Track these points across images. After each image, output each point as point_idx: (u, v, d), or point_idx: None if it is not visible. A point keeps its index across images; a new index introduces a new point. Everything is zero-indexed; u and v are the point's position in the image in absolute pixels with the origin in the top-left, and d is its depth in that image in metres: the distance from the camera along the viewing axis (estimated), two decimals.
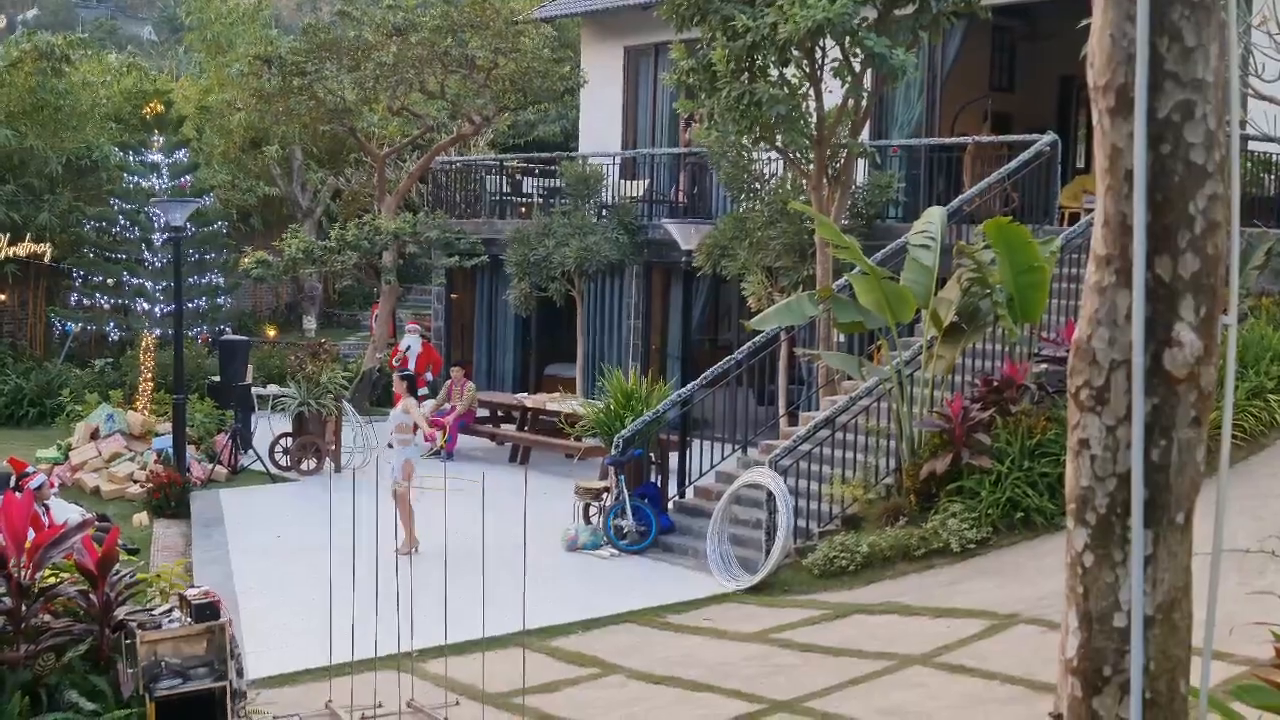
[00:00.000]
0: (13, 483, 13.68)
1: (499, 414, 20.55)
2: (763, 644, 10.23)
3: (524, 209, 24.14)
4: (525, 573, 8.60)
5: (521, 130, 31.05)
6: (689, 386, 15.47)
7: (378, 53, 21.68)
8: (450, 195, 25.39)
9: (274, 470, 17.84)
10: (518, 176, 25.23)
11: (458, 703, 8.65)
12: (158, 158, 24.62)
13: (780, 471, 13.12)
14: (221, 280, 25.32)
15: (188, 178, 24.86)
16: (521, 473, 17.24)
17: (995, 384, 12.97)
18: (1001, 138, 18.31)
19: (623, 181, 22.33)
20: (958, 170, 18.33)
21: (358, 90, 22.13)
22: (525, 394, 21.39)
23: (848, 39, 14.42)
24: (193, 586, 8.41)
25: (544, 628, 10.60)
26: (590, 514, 14.58)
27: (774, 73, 14.87)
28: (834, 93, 15.22)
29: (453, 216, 23.98)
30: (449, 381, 19.87)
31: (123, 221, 24.29)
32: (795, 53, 14.64)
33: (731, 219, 18.26)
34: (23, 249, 24.22)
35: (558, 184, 23.10)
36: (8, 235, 24.21)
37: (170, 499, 15.75)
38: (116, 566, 7.85)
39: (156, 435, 17.81)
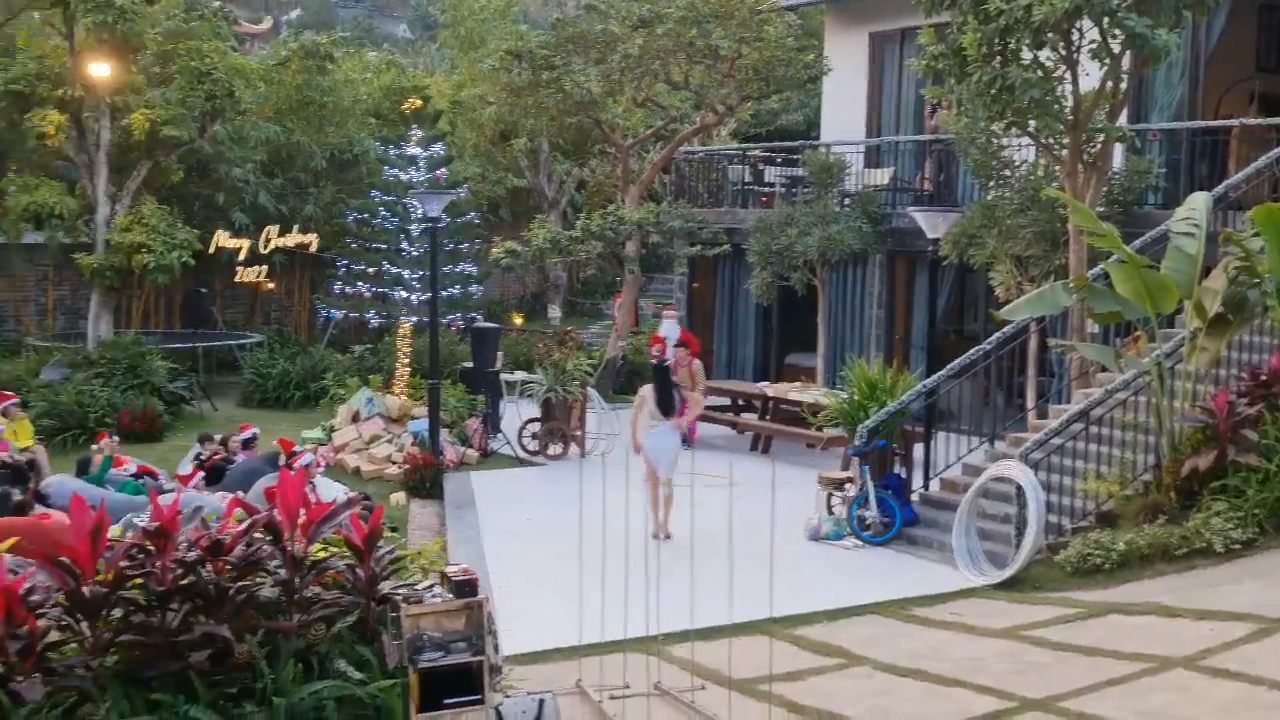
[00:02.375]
0: (282, 462, 14.46)
1: (740, 403, 20.62)
2: (1013, 640, 10.01)
3: (766, 198, 24.13)
4: (771, 561, 8.63)
5: (764, 119, 31.03)
6: (934, 377, 15.22)
7: (623, 45, 21.98)
8: (693, 185, 25.57)
9: (522, 454, 18.33)
10: (760, 166, 25.23)
11: (704, 687, 8.74)
12: (415, 151, 25.58)
13: (1030, 465, 12.80)
14: (473, 269, 26.12)
15: (443, 170, 25.73)
16: (762, 462, 17.44)
17: (1264, 378, 12.37)
18: (1271, 120, 17.39)
19: (866, 170, 22.09)
20: (1222, 155, 17.50)
21: (603, 82, 22.49)
22: (766, 383, 21.39)
23: (1106, 20, 13.93)
24: (451, 564, 8.73)
25: (788, 616, 10.59)
26: (832, 504, 14.50)
27: (1027, 56, 14.48)
28: (1090, 75, 14.72)
29: (695, 206, 24.14)
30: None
31: (382, 213, 25.33)
32: (1050, 35, 14.22)
33: (979, 207, 17.87)
34: (290, 240, 25.53)
35: (800, 173, 23.01)
36: (277, 227, 25.54)
37: (425, 480, 16.34)
38: (380, 543, 8.20)
39: (412, 419, 18.50)
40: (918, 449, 15.05)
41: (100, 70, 21.84)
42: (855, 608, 11.45)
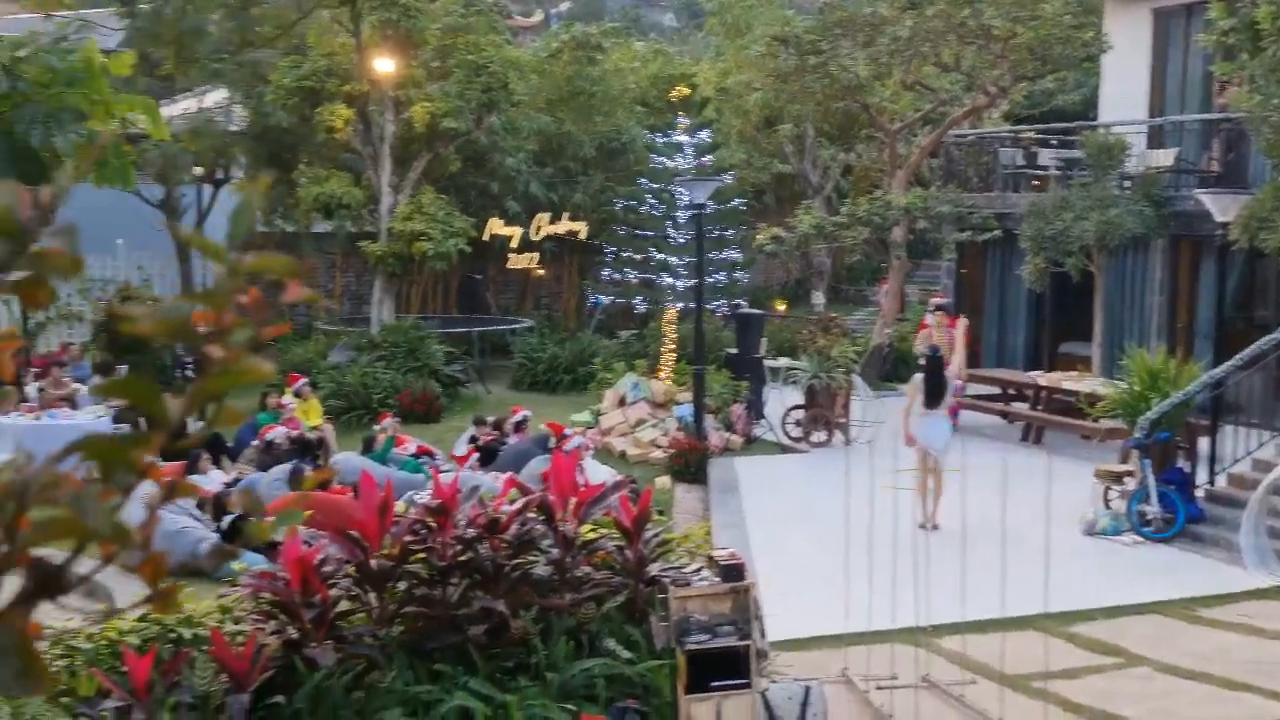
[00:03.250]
0: (552, 444, 14.82)
1: (1010, 392, 20.07)
2: None
3: (1039, 182, 23.38)
4: (1045, 555, 8.38)
5: (1038, 100, 30.07)
6: (1222, 368, 14.46)
7: (892, 27, 21.63)
8: (962, 169, 24.98)
9: (785, 441, 18.31)
10: (1033, 148, 24.46)
11: (974, 681, 8.57)
12: (682, 139, 25.79)
13: None
14: (738, 256, 26.20)
15: (709, 157, 25.88)
16: (1034, 453, 16.93)
17: None
18: None
19: (1149, 151, 21.14)
20: None
21: (871, 66, 22.19)
22: (1038, 372, 20.76)
23: None
24: (718, 548, 8.79)
25: (1063, 612, 10.27)
26: (1110, 499, 13.97)
27: None
28: None
29: (965, 191, 23.59)
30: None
31: (649, 200, 25.66)
32: None
33: (1272, 188, 16.87)
34: (560, 227, 26.12)
35: (1077, 155, 22.20)
36: (548, 215, 26.19)
37: (690, 465, 16.50)
38: (648, 525, 8.32)
39: (677, 404, 18.70)
40: (1202, 443, 14.35)
41: (385, 66, 22.80)
42: (1135, 606, 11.01)
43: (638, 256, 25.53)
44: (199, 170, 26.46)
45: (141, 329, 1.04)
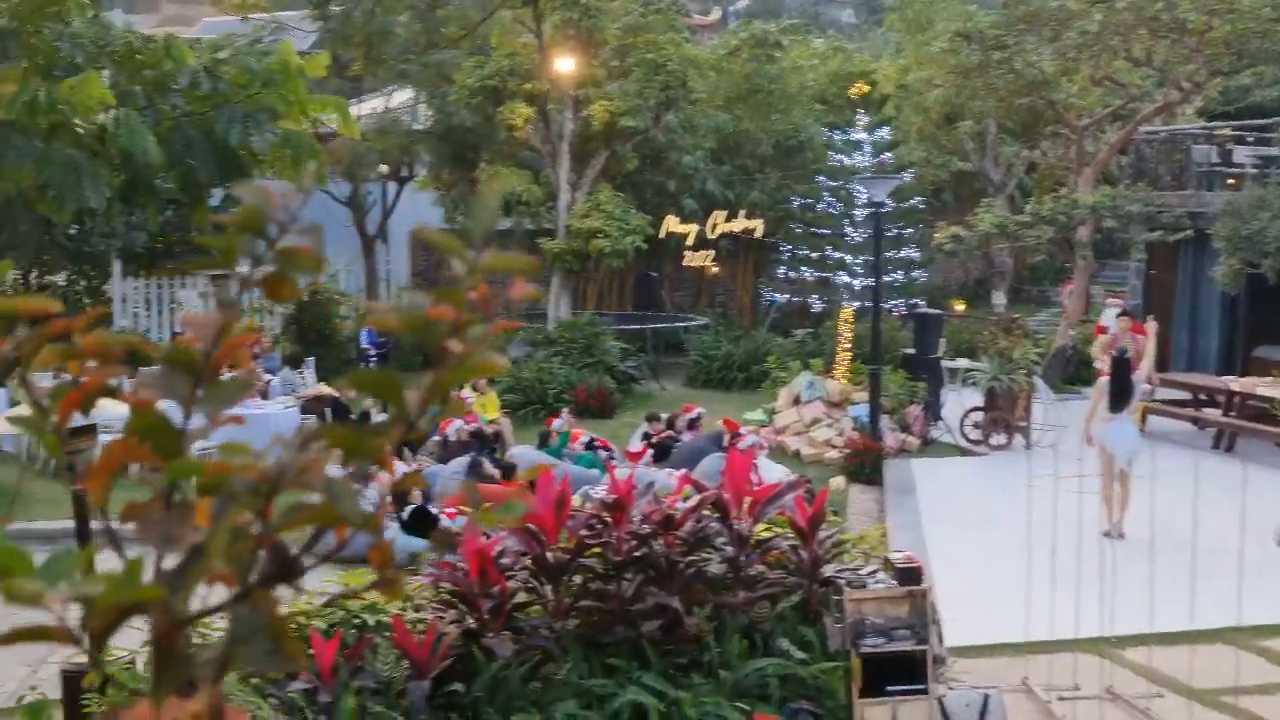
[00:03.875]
0: (726, 442, 14.82)
1: (1201, 397, 19.36)
2: None
3: (1234, 180, 22.50)
4: (1237, 566, 8.07)
5: (1234, 96, 28.94)
6: None
7: (1080, 21, 21.04)
8: (1153, 167, 24.18)
9: (963, 443, 17.98)
10: (1229, 145, 23.55)
11: (1161, 695, 8.29)
12: (861, 136, 25.55)
13: None
14: (916, 255, 25.84)
15: (888, 155, 25.58)
16: (1226, 460, 16.29)
17: None
18: None
19: None
20: None
21: (1058, 61, 21.64)
22: (1231, 377, 19.97)
23: None
24: (894, 551, 8.68)
25: (1255, 626, 9.87)
26: None
27: None
28: None
29: (1155, 189, 22.83)
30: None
31: (827, 198, 25.48)
32: None
33: None
34: (736, 225, 26.10)
35: (1275, 152, 21.31)
36: (724, 212, 26.19)
37: (865, 465, 16.32)
38: (823, 526, 8.25)
39: (853, 404, 18.51)
40: None
41: (565, 65, 23.08)
42: None
43: (814, 255, 25.38)
44: (384, 168, 27.18)
45: (387, 324, 1.08)
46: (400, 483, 1.34)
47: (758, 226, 26.15)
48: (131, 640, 6.93)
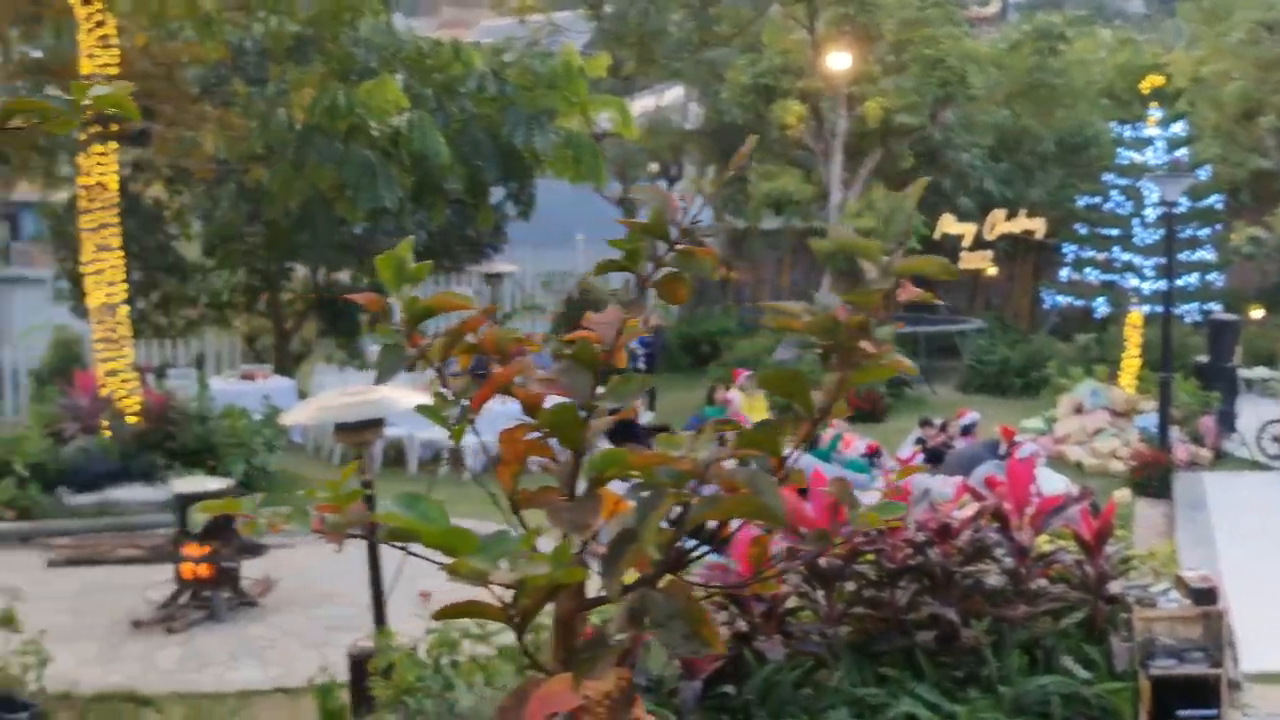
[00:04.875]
0: (1002, 450, 14.37)
1: None
2: None
3: None
4: None
5: None
6: None
7: None
8: None
9: (1261, 457, 16.97)
10: None
11: None
12: (1152, 132, 24.41)
13: None
14: (1212, 257, 24.53)
15: (1183, 151, 24.36)
16: None
17: None
18: None
19: None
20: None
21: None
22: None
23: None
24: (1186, 568, 8.25)
25: None
26: None
27: None
28: None
29: None
30: None
31: (1114, 197, 24.45)
32: None
33: None
34: (1016, 225, 25.33)
35: None
36: (1003, 212, 25.46)
37: (1152, 478, 15.58)
38: (1109, 540, 7.91)
39: (1139, 413, 17.70)
40: None
41: (839, 61, 22.84)
42: None
43: (1099, 256, 24.38)
44: (654, 167, 27.50)
45: (795, 325, 1.07)
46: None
47: (1039, 227, 25.32)
48: (414, 627, 7.13)
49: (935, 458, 15.19)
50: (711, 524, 1.19)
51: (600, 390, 1.06)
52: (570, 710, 0.98)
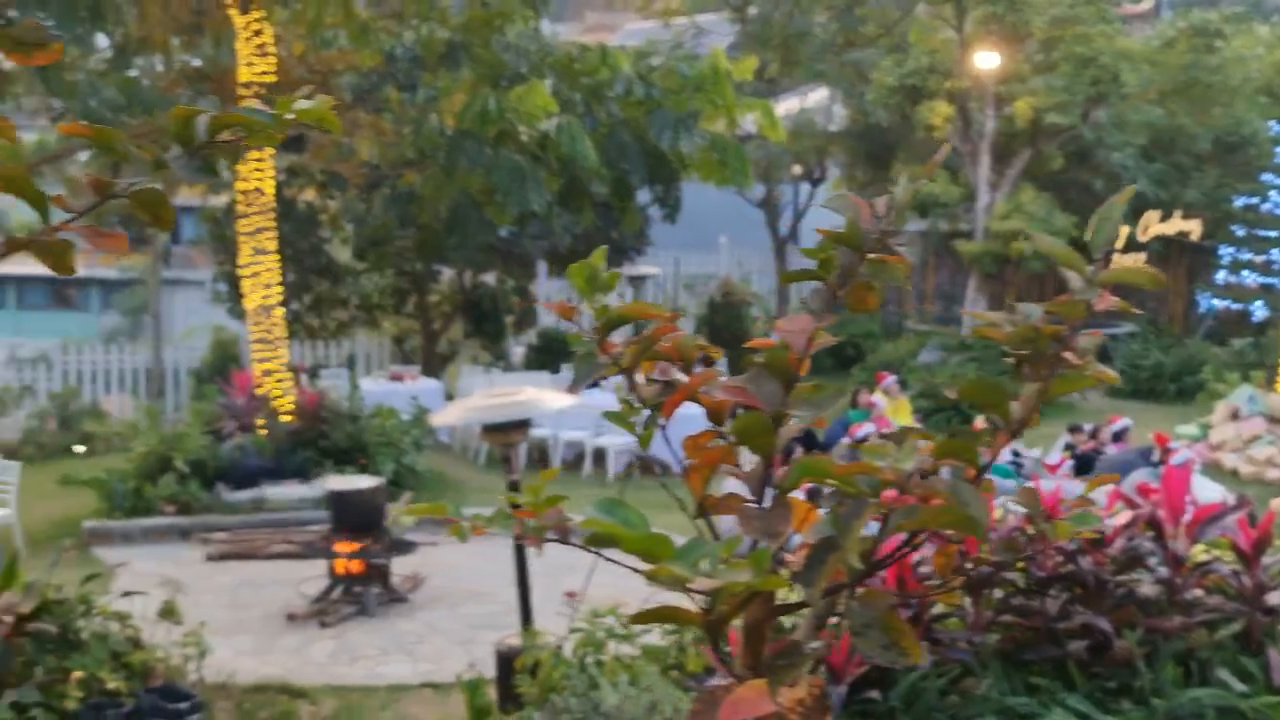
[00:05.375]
0: (1156, 457, 14.02)
1: None
2: None
3: None
4: None
5: None
6: None
7: None
8: None
9: None
10: None
11: None
12: None
13: None
14: None
15: None
16: None
17: None
18: None
19: None
20: None
21: None
22: None
23: None
24: None
25: None
26: None
27: None
28: None
29: None
30: None
31: (1274, 197, 23.67)
32: None
33: None
34: (1170, 226, 24.65)
35: None
36: (1157, 213, 24.80)
37: None
38: (1268, 550, 7.69)
39: None
40: None
41: (988, 61, 22.51)
42: None
43: (1257, 259, 23.65)
44: (797, 169, 27.38)
45: (995, 335, 1.08)
46: None
47: (1194, 228, 24.61)
48: (559, 626, 7.23)
49: (1085, 464, 14.89)
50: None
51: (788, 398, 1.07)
52: (763, 716, 1.00)
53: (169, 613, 8.82)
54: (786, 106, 28.00)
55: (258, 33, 14.47)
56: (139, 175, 1.55)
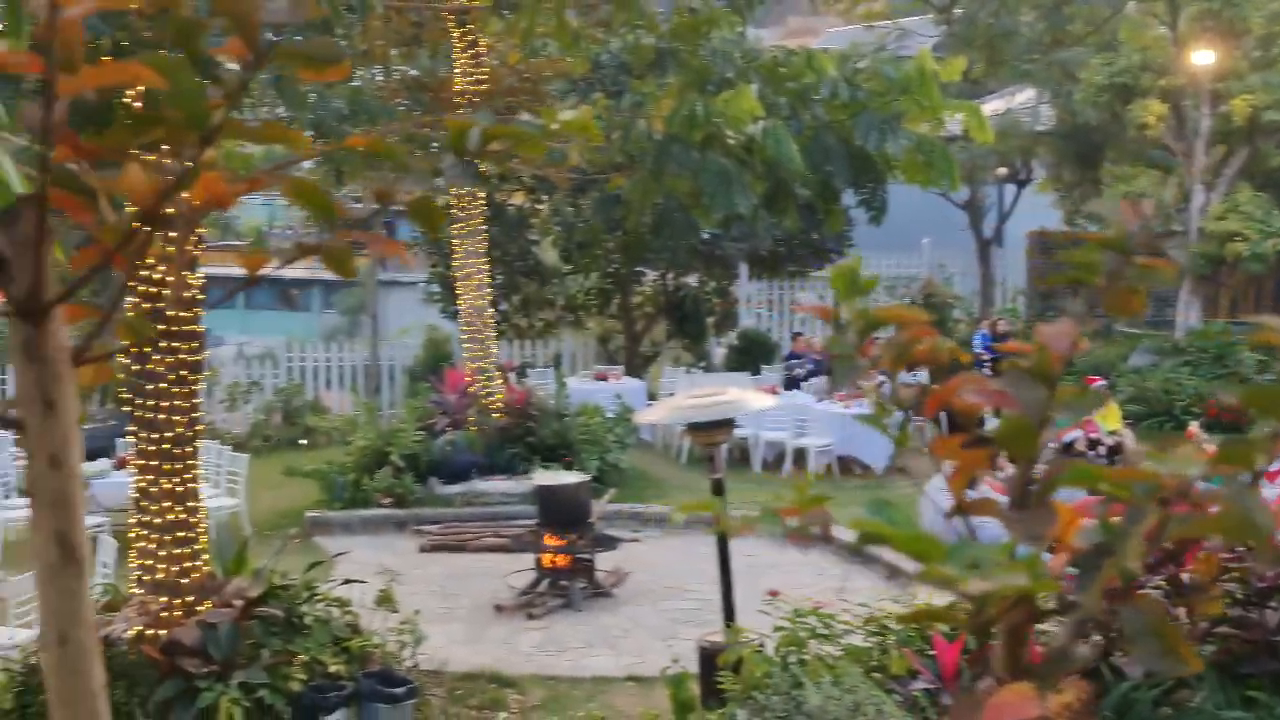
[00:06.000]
0: None
1: None
2: None
3: None
4: None
5: None
6: None
7: None
8: None
9: None
10: None
11: None
12: None
13: None
14: None
15: None
16: None
17: None
18: None
19: None
20: None
21: None
22: None
23: None
24: None
25: None
26: None
27: None
28: None
29: None
30: None
31: None
32: None
33: None
34: None
35: None
36: None
37: None
38: None
39: None
40: None
41: (1203, 58, 21.75)
42: None
43: None
44: (1002, 170, 26.85)
45: (1274, 340, 1.12)
46: None
47: None
48: (761, 623, 7.32)
49: None
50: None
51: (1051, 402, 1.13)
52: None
53: (385, 600, 9.18)
54: (992, 107, 27.47)
55: (472, 44, 14.94)
56: (396, 180, 1.70)
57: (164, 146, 1.46)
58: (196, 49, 1.34)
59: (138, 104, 1.49)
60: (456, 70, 15.03)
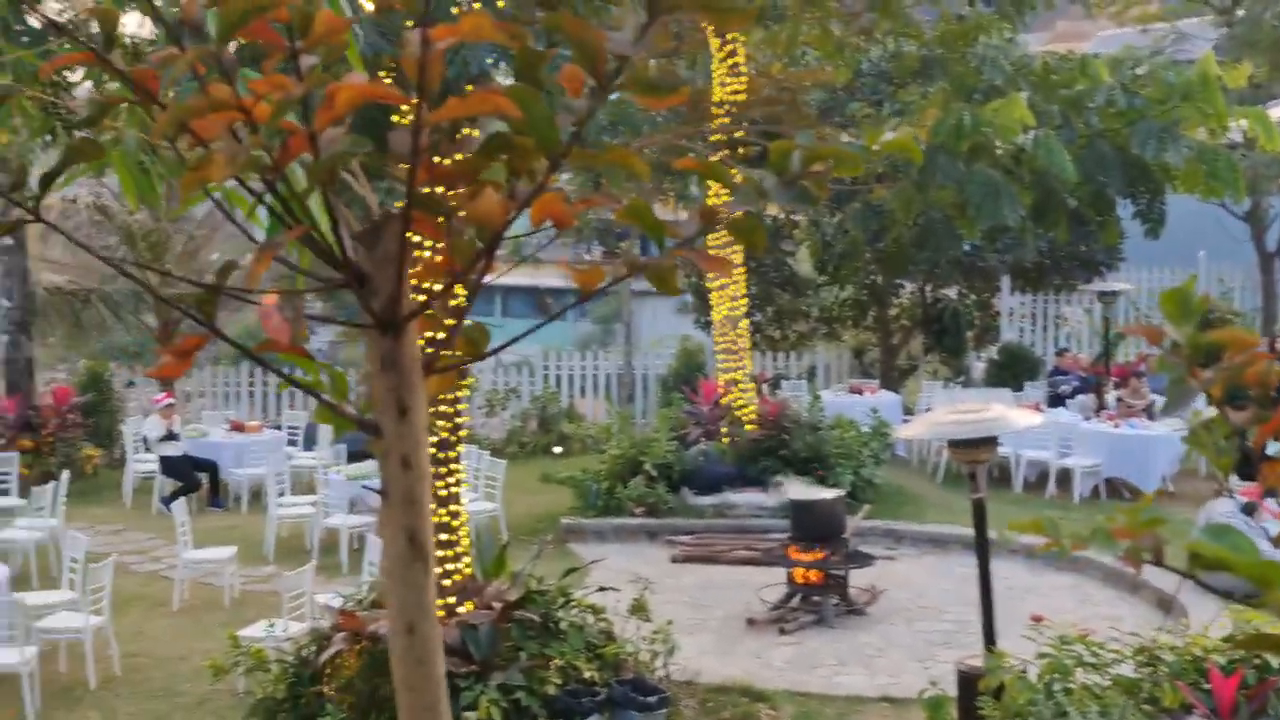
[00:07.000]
0: None
1: None
2: None
3: None
4: None
5: None
6: None
7: None
8: None
9: None
10: None
11: None
12: None
13: None
14: None
15: None
16: None
17: None
18: None
19: None
20: None
21: None
22: None
23: None
24: None
25: None
26: None
27: None
28: None
29: None
30: None
31: None
32: None
33: None
34: None
35: None
36: None
37: None
38: None
39: None
40: None
41: None
42: None
43: None
44: None
45: None
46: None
47: None
48: (1022, 649, 7.12)
49: None
50: None
51: None
52: None
53: (639, 609, 9.28)
54: (1277, 114, 26.05)
55: (731, 54, 15.00)
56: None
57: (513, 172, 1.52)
58: (538, 78, 1.39)
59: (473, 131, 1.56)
60: (715, 81, 15.11)
